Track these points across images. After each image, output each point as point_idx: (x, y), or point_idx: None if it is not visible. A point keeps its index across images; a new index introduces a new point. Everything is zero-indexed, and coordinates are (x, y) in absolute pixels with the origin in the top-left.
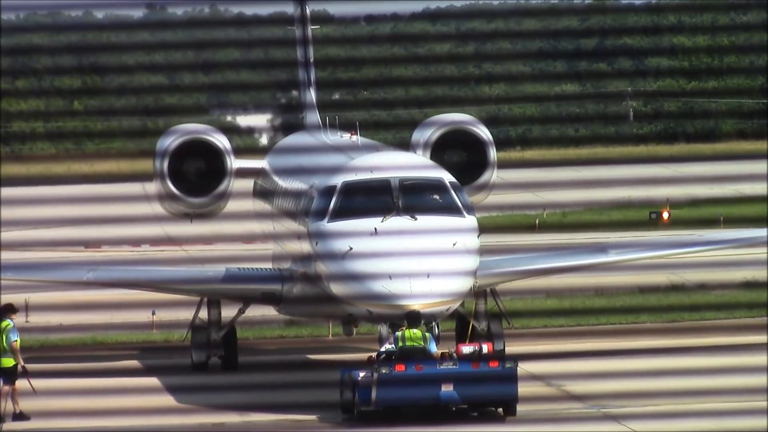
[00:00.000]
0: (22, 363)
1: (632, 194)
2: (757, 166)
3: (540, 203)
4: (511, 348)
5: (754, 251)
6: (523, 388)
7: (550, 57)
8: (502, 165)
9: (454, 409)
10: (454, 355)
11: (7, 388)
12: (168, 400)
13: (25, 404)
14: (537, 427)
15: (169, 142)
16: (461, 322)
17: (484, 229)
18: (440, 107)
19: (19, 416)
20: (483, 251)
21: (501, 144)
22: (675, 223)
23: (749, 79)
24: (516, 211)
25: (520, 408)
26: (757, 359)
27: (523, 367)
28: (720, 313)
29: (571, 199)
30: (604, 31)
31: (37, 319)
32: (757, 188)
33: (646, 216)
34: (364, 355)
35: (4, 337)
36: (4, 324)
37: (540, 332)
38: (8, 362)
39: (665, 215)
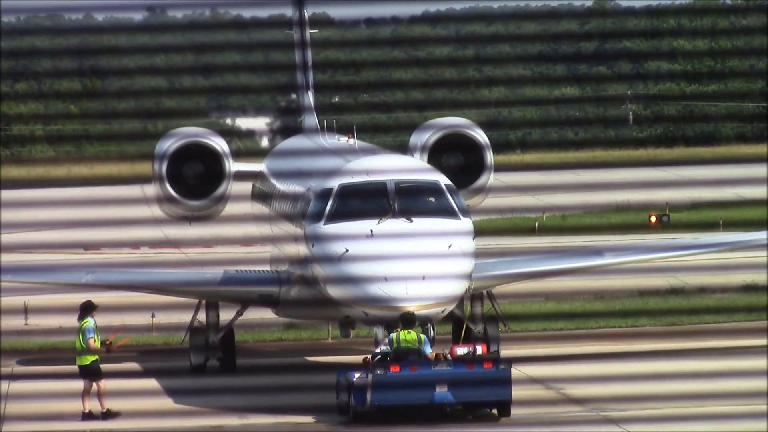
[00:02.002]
0: (84, 363)
1: (632, 197)
2: (757, 170)
3: (539, 206)
4: (510, 351)
5: (754, 254)
6: (523, 391)
7: (549, 60)
8: (502, 168)
9: (448, 410)
10: (449, 356)
11: (88, 385)
12: (167, 402)
13: (27, 406)
14: (536, 429)
15: (168, 145)
16: (457, 325)
17: (483, 232)
18: (440, 110)
19: (107, 414)
20: (482, 254)
21: (501, 147)
22: (674, 226)
23: (749, 82)
24: (515, 214)
25: (520, 411)
26: (757, 363)
27: (522, 370)
28: (719, 316)
29: (571, 203)
30: (603, 34)
31: (36, 321)
32: (757, 191)
33: (645, 219)
34: (361, 357)
35: (81, 336)
36: (83, 322)
37: (539, 335)
38: (85, 360)
39: (653, 219)
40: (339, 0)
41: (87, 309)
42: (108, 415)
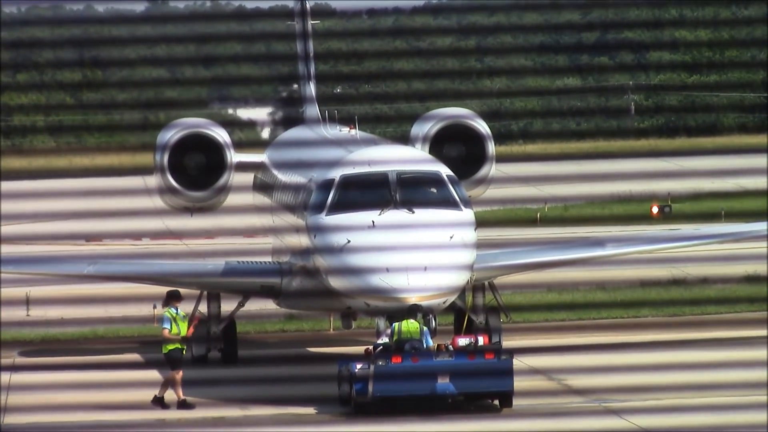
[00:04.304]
0: (163, 351)
1: (633, 188)
2: (759, 160)
3: (541, 197)
4: (512, 341)
5: (756, 245)
6: (524, 382)
7: (551, 51)
8: (504, 159)
9: (450, 400)
10: (450, 347)
11: (173, 374)
12: (168, 393)
13: (29, 398)
14: (538, 421)
15: (170, 135)
16: (459, 316)
17: (485, 223)
18: (442, 101)
19: (184, 405)
20: (483, 245)
21: (502, 138)
22: (676, 217)
23: (750, 72)
24: (517, 204)
25: (522, 402)
26: (758, 353)
27: (524, 361)
28: (721, 307)
29: (573, 193)
30: (605, 24)
31: (38, 312)
32: (758, 182)
33: (647, 210)
34: (363, 348)
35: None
36: (165, 312)
37: (541, 326)
38: (164, 349)
39: (654, 210)
40: None
41: (169, 298)
42: (183, 405)
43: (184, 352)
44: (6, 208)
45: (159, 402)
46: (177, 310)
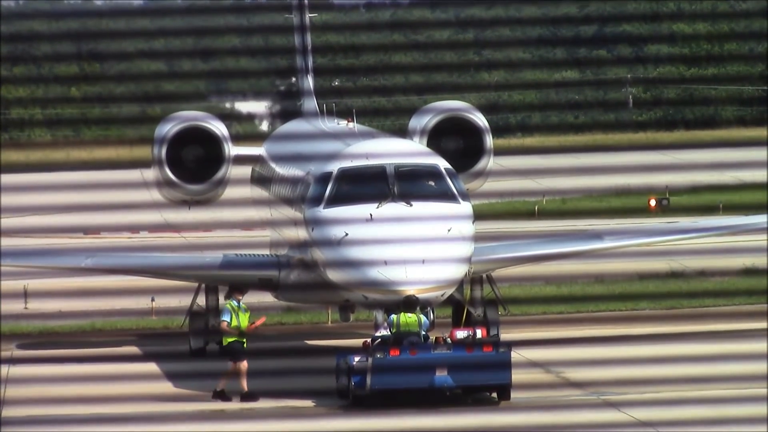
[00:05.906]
0: (223, 343)
1: (631, 181)
2: (757, 153)
3: (539, 190)
4: (510, 334)
5: (754, 238)
6: (522, 375)
7: (549, 44)
8: (502, 152)
9: (448, 393)
10: (448, 340)
11: (237, 366)
12: (166, 386)
13: (27, 390)
14: (536, 413)
15: (168, 129)
16: (457, 308)
17: (483, 216)
18: (440, 94)
19: (246, 396)
20: (482, 238)
21: (501, 131)
22: (674, 210)
23: (749, 66)
24: (515, 197)
25: (519, 394)
26: (757, 346)
27: (522, 354)
28: (719, 300)
29: (571, 186)
30: (603, 18)
31: (36, 305)
32: (756, 175)
33: (645, 203)
34: (361, 341)
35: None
36: (227, 304)
37: (539, 319)
38: (224, 340)
39: (653, 203)
40: None
41: (232, 290)
42: (247, 396)
43: (245, 345)
44: (4, 201)
45: (220, 395)
46: (239, 302)
